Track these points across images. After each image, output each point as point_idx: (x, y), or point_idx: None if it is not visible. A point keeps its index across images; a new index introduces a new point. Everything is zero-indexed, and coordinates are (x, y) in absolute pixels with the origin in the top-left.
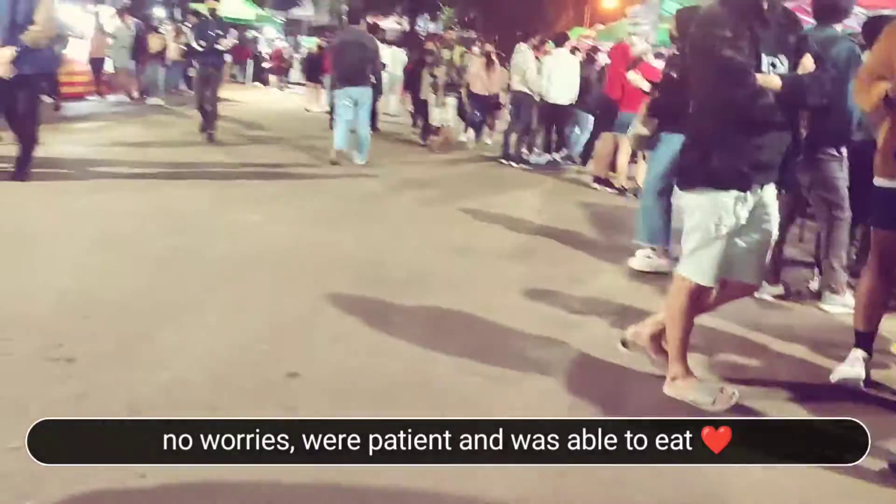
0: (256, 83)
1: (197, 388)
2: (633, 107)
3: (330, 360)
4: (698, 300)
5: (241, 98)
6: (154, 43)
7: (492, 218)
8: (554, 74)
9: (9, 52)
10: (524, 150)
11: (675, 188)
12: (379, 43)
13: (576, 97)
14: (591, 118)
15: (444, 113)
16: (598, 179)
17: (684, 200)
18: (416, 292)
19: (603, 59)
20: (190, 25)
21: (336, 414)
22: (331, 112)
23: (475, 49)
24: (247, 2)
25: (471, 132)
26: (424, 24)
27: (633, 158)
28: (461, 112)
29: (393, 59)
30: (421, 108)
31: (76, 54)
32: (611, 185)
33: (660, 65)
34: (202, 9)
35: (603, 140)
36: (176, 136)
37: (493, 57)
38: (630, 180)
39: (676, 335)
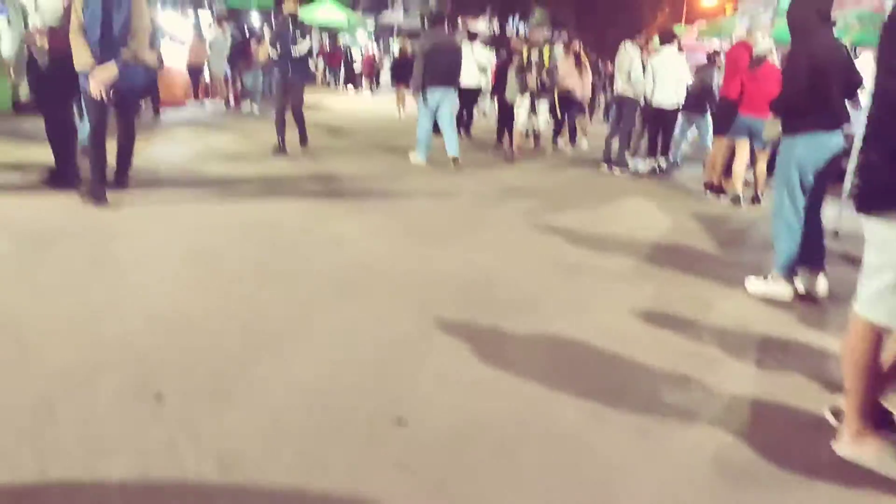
0: (348, 87)
1: (298, 437)
2: (754, 109)
3: (442, 403)
4: (880, 342)
5: (333, 104)
6: (261, 52)
7: (601, 231)
8: (659, 75)
9: (110, 72)
10: (627, 155)
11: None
12: (477, 45)
13: (682, 100)
14: (709, 121)
15: (533, 117)
16: (710, 186)
17: (868, 228)
18: (528, 317)
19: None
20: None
21: (454, 474)
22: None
23: (559, 48)
24: (339, 6)
25: (565, 137)
26: (514, 25)
27: (751, 164)
28: (554, 116)
29: (489, 62)
30: (505, 113)
31: (175, 61)
32: (724, 193)
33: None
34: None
35: (717, 144)
36: (268, 144)
37: (583, 57)
38: (747, 186)
39: (857, 385)
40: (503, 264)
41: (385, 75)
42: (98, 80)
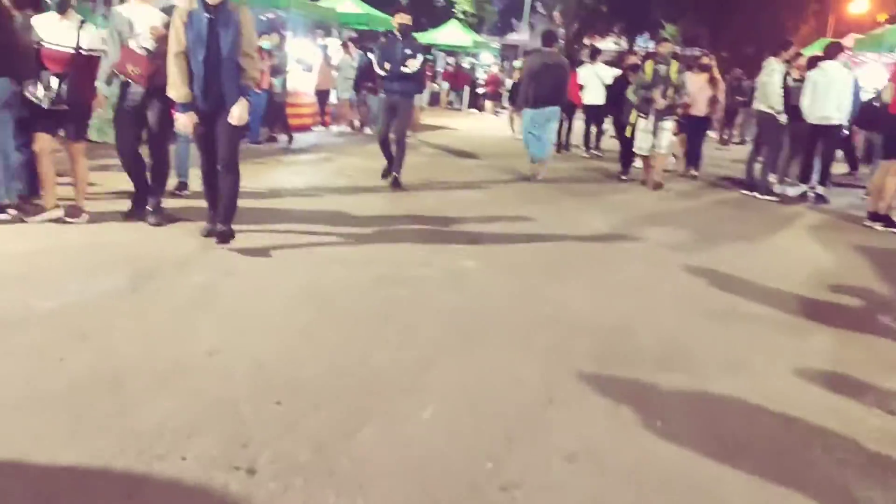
0: (472, 109)
1: None
2: None
3: (581, 488)
4: None
5: (457, 125)
6: None
7: (752, 269)
8: (820, 90)
9: (243, 109)
10: (772, 178)
11: None
12: (598, 63)
13: (846, 117)
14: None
15: (657, 140)
16: (875, 216)
17: None
18: (679, 376)
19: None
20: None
21: None
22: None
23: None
24: (464, 28)
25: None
26: (644, 44)
27: None
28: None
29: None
30: (622, 134)
31: (304, 86)
32: (892, 224)
33: None
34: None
35: (883, 169)
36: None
37: (715, 72)
38: None
39: None
40: (645, 308)
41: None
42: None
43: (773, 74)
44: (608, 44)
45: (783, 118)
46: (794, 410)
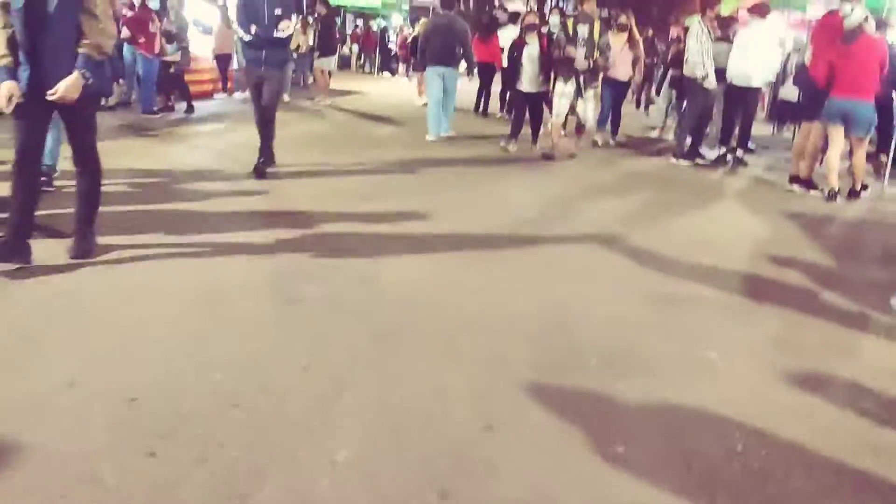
0: (385, 73)
1: None
2: (850, 90)
3: None
4: None
5: (368, 89)
6: (295, 37)
7: (688, 244)
8: (744, 52)
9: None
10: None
11: None
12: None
13: (768, 79)
14: None
15: (583, 108)
16: (796, 180)
17: None
18: (632, 380)
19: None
20: (315, 16)
21: None
22: None
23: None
24: None
25: (608, 130)
26: (552, 4)
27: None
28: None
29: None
30: (521, 103)
31: (202, 50)
32: (813, 187)
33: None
34: None
35: (804, 131)
36: (297, 135)
37: (635, 34)
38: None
39: None
40: (584, 298)
41: None
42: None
43: (697, 37)
44: (518, 5)
45: (711, 83)
46: (763, 420)
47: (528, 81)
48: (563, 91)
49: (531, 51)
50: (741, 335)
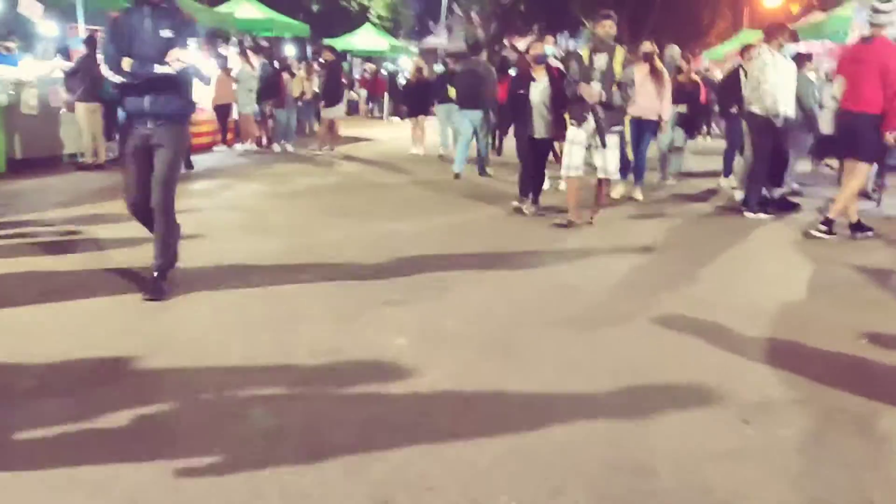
0: (394, 118)
1: None
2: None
3: None
4: None
5: (377, 135)
6: (295, 86)
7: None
8: (784, 86)
9: None
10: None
11: None
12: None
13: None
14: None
15: (601, 159)
16: (858, 227)
17: None
18: None
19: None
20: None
21: None
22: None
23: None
24: (380, 33)
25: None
26: (565, 43)
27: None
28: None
29: None
30: (527, 154)
31: (202, 101)
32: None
33: None
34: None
35: (848, 169)
36: (295, 193)
37: (657, 64)
38: None
39: None
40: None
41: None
42: None
43: (765, 69)
44: (523, 45)
45: (781, 120)
46: None
47: (536, 125)
48: (575, 138)
49: (540, 88)
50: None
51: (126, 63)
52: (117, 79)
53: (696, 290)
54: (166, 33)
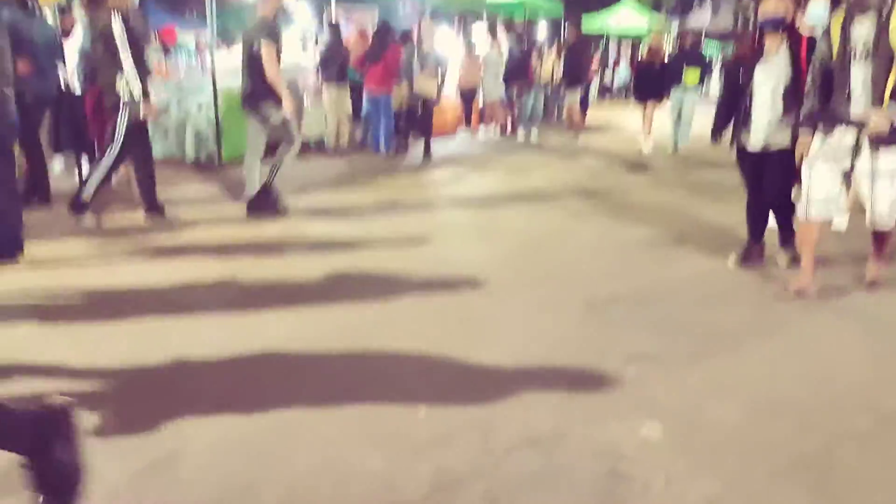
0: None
1: None
2: None
3: None
4: None
5: (628, 123)
6: (544, 69)
7: None
8: None
9: None
10: None
11: None
12: None
13: None
14: None
15: (871, 193)
16: None
17: None
18: None
19: None
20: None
21: None
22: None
23: None
24: (641, 9)
25: None
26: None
27: None
28: None
29: None
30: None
31: (448, 85)
32: None
33: None
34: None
35: None
36: (537, 185)
37: None
38: None
39: None
40: None
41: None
42: None
43: None
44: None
45: None
46: None
47: (756, 129)
48: (824, 151)
49: (771, 70)
50: None
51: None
52: None
53: None
54: None
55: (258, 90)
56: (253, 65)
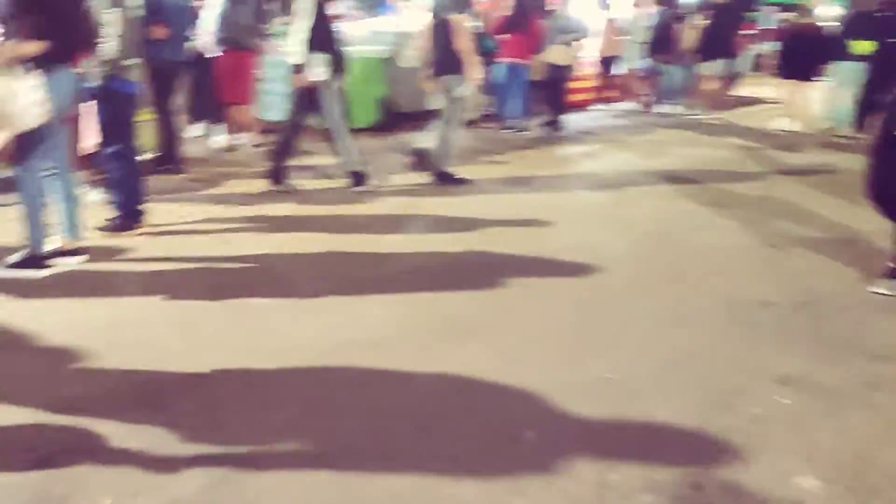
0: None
1: None
2: None
3: None
4: None
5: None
6: (687, 37)
7: None
8: None
9: None
10: None
11: None
12: None
13: None
14: None
15: None
16: None
17: None
18: None
19: None
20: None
21: None
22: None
23: None
24: None
25: None
26: None
27: None
28: None
29: None
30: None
31: (585, 54)
32: None
33: None
34: None
35: None
36: (675, 166)
37: None
38: None
39: None
40: None
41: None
42: None
43: None
44: None
45: None
46: None
47: None
48: None
49: None
50: None
51: None
52: None
53: None
54: None
55: (445, 61)
56: (443, 35)
